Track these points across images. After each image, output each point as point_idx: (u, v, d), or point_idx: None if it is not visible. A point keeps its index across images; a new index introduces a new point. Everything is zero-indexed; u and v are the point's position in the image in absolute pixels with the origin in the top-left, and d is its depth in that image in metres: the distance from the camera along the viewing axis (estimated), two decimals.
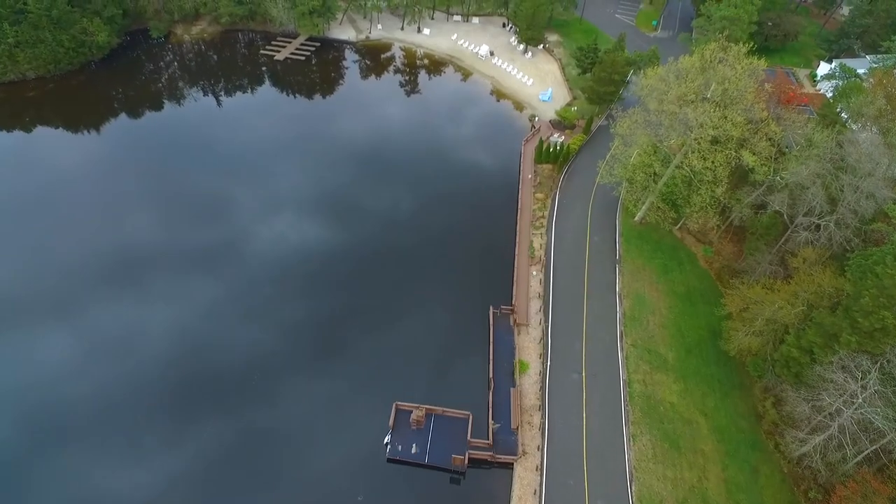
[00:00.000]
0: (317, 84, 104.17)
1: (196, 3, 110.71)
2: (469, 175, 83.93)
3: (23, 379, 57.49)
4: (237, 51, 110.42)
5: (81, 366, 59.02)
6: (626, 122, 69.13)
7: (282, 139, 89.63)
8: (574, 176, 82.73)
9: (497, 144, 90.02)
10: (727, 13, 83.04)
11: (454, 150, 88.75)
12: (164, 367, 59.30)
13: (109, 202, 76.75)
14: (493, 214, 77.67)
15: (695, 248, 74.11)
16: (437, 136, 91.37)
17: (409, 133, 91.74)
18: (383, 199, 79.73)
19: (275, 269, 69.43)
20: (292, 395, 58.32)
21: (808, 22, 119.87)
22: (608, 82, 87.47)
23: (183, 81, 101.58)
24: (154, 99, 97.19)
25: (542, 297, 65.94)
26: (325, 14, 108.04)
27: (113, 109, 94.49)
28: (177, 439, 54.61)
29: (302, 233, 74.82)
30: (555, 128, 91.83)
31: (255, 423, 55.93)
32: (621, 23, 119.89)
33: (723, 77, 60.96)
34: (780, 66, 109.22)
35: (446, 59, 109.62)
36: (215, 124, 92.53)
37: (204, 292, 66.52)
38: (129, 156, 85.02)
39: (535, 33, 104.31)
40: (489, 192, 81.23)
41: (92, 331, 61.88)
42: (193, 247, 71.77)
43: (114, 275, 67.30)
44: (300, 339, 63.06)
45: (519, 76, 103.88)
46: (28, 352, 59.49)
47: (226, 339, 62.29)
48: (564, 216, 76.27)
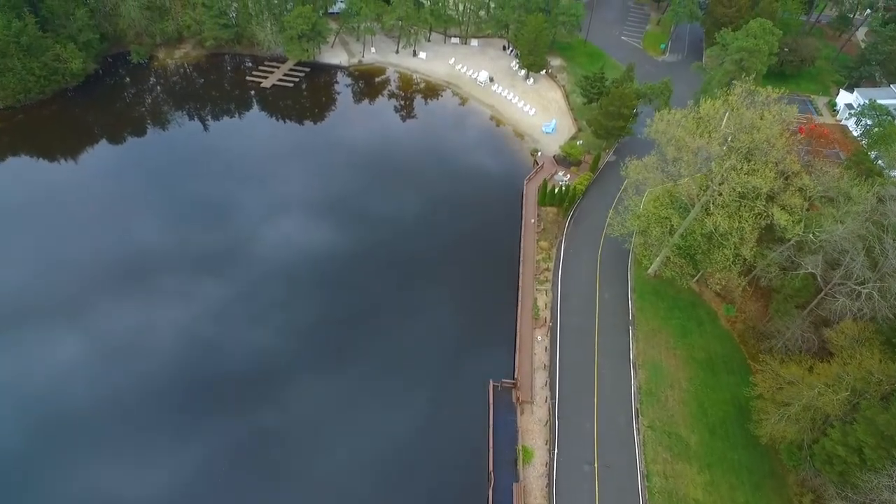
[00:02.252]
0: (305, 113, 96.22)
1: (179, 25, 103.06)
2: (466, 219, 75.96)
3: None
4: (222, 76, 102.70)
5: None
6: (639, 168, 61.78)
7: (265, 174, 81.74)
8: (581, 220, 75.11)
9: (497, 183, 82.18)
10: (745, 44, 75.52)
11: (451, 189, 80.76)
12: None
13: (80, 238, 69.92)
14: (493, 266, 69.87)
15: (715, 305, 66.51)
16: (433, 174, 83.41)
17: (401, 170, 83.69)
18: (370, 246, 71.51)
19: (246, 334, 62.05)
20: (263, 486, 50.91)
21: (822, 44, 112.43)
22: (617, 116, 79.83)
23: (163, 110, 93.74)
24: (131, 128, 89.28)
25: (548, 368, 58.30)
26: (315, 38, 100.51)
27: (86, 141, 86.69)
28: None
29: (275, 286, 67.26)
30: (559, 164, 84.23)
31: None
32: (627, 45, 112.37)
33: (751, 125, 53.51)
34: (796, 94, 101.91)
35: (443, 86, 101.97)
36: (195, 156, 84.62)
37: (161, 355, 59.12)
38: (101, 189, 77.47)
39: (537, 59, 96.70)
40: (488, 238, 73.40)
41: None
42: (163, 294, 64.36)
43: (78, 316, 60.67)
44: (267, 420, 55.56)
45: (520, 105, 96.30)
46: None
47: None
48: (571, 268, 68.67)
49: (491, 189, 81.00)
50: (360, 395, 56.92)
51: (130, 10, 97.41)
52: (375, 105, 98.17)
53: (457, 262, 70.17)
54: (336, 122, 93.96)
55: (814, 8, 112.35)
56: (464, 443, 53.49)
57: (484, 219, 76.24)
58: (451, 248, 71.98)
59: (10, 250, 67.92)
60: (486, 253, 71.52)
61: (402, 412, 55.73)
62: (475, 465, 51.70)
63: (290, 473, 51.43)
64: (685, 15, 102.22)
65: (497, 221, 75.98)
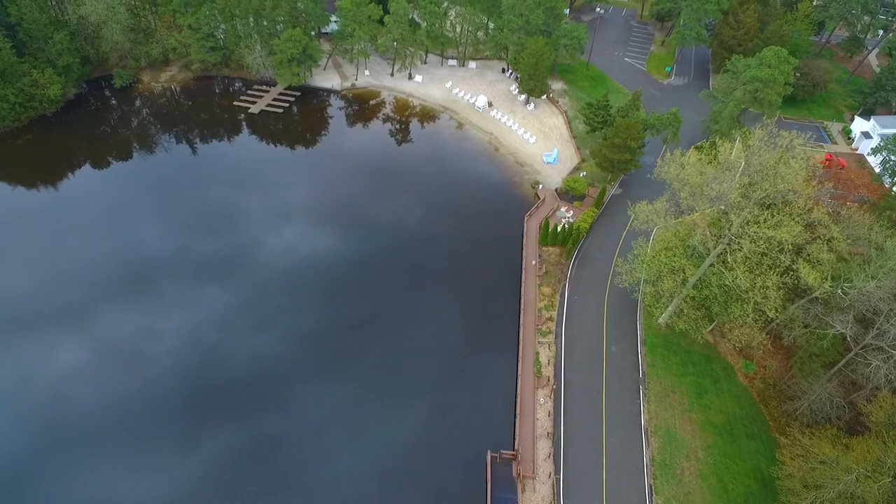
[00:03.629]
0: (294, 141, 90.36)
1: (165, 48, 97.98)
2: (463, 260, 70.33)
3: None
4: (209, 101, 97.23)
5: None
6: (648, 212, 56.42)
7: (252, 207, 76.26)
8: (585, 262, 69.63)
9: (495, 219, 76.48)
10: (760, 74, 70.25)
11: (446, 225, 75.04)
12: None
13: (55, 272, 65.03)
14: (492, 314, 64.07)
15: (731, 358, 60.85)
16: (428, 207, 77.72)
17: (395, 204, 77.91)
18: (358, 293, 65.78)
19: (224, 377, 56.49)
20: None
21: (833, 66, 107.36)
22: (623, 149, 74.50)
23: (145, 137, 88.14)
24: (111, 157, 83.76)
25: (552, 436, 52.58)
26: (305, 62, 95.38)
27: (61, 171, 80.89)
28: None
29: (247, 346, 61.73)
30: (561, 199, 78.76)
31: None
32: (631, 67, 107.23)
33: (775, 176, 48.11)
34: (808, 119, 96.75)
35: (439, 111, 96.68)
36: (176, 188, 78.80)
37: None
38: (76, 222, 72.18)
39: (537, 84, 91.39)
40: (486, 282, 67.68)
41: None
42: (139, 336, 58.90)
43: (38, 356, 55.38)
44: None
45: (520, 132, 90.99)
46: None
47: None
48: (576, 317, 63.10)
49: (489, 226, 75.33)
50: (339, 480, 50.93)
51: (113, 32, 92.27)
52: (368, 132, 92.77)
53: (453, 311, 64.45)
54: (326, 151, 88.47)
55: (825, 29, 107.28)
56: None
57: (482, 260, 70.57)
58: (447, 294, 66.28)
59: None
60: (484, 299, 65.81)
61: (390, 494, 49.86)
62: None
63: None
64: (692, 38, 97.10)
65: (496, 263, 70.34)
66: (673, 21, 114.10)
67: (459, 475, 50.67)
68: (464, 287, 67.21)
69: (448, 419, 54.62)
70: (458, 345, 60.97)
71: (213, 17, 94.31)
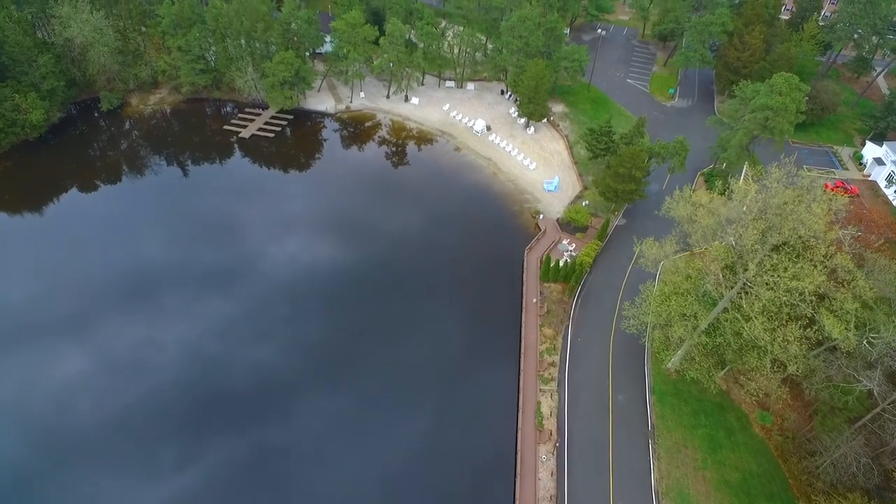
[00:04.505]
0: (285, 167, 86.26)
1: (154, 71, 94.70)
2: (459, 297, 66.02)
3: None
4: (198, 125, 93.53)
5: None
6: (655, 249, 52.63)
7: (240, 236, 72.47)
8: (589, 300, 65.59)
9: (494, 252, 72.32)
10: (770, 102, 66.67)
11: (442, 258, 70.89)
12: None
13: (32, 303, 61.32)
14: (490, 359, 59.70)
15: (746, 406, 56.48)
16: (424, 240, 73.53)
17: (388, 234, 73.71)
18: (341, 337, 61.30)
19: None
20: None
21: (840, 87, 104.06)
22: (627, 179, 70.72)
23: (131, 163, 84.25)
24: (94, 184, 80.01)
25: (555, 499, 48.20)
26: (298, 85, 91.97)
27: (43, 199, 76.88)
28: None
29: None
30: (563, 230, 74.90)
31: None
32: (633, 89, 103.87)
33: (796, 221, 44.28)
34: (817, 144, 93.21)
35: (436, 135, 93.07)
36: (162, 216, 74.74)
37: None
38: (57, 252, 68.25)
39: (537, 108, 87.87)
40: (484, 323, 63.35)
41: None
42: (116, 373, 54.77)
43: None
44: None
45: (520, 158, 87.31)
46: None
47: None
48: (580, 362, 58.92)
49: (488, 259, 71.28)
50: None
51: (99, 55, 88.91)
52: (362, 158, 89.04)
53: (450, 356, 60.17)
54: (318, 178, 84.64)
55: (831, 49, 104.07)
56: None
57: (480, 297, 66.43)
58: (443, 337, 62.05)
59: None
60: (482, 342, 61.51)
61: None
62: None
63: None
64: (696, 60, 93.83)
65: (495, 300, 66.18)
66: (675, 41, 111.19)
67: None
68: (461, 327, 63.09)
69: (446, 481, 50.26)
70: (455, 395, 56.62)
71: (203, 39, 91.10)
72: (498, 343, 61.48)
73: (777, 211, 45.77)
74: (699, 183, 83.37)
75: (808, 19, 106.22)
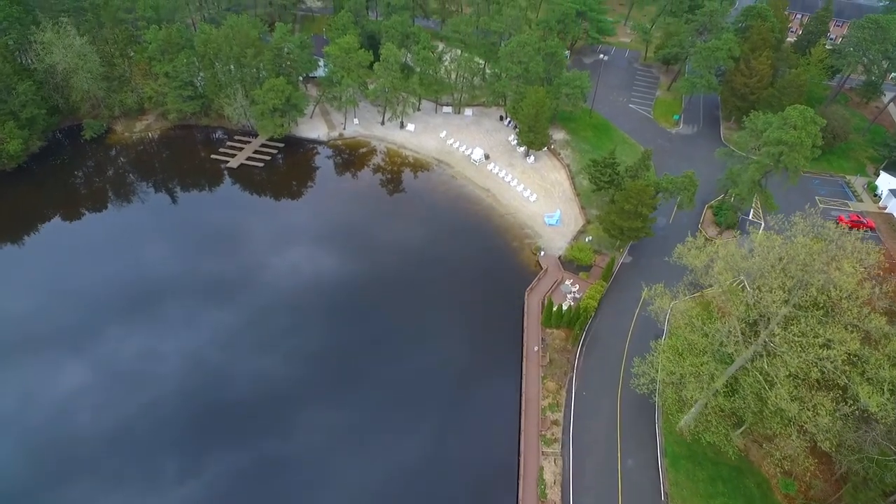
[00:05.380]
0: (274, 199, 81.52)
1: (140, 97, 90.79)
2: (455, 344, 61.15)
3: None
4: (185, 153, 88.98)
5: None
6: (664, 297, 48.17)
7: (225, 274, 67.77)
8: (595, 348, 60.84)
9: (492, 292, 67.46)
10: (784, 136, 62.56)
11: (437, 300, 66.03)
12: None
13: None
14: (488, 417, 54.70)
15: (766, 470, 51.72)
16: (416, 281, 68.51)
17: (378, 273, 68.87)
18: (322, 394, 56.51)
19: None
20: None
21: (850, 113, 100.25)
22: (633, 216, 66.46)
23: (110, 195, 79.57)
24: (71, 218, 75.64)
25: None
26: (289, 112, 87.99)
27: (16, 233, 72.55)
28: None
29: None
30: (565, 268, 70.36)
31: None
32: (636, 115, 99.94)
33: (825, 281, 39.83)
34: (828, 173, 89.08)
35: (433, 164, 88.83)
36: (139, 251, 70.20)
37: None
38: (29, 287, 64.01)
39: (538, 136, 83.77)
40: (482, 375, 58.35)
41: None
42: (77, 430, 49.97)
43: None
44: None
45: (519, 189, 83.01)
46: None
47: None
48: (585, 421, 53.96)
49: (486, 301, 66.57)
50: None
51: (82, 81, 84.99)
52: (355, 189, 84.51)
53: (444, 411, 55.44)
54: (308, 212, 79.88)
55: (839, 73, 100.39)
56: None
57: (477, 345, 61.58)
58: (437, 387, 57.30)
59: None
60: (480, 397, 56.56)
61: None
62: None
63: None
64: (702, 86, 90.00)
65: (493, 348, 61.39)
66: (679, 65, 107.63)
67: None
68: (458, 379, 58.25)
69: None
70: (452, 458, 51.71)
71: (191, 65, 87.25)
72: (497, 397, 56.61)
73: (803, 268, 41.36)
74: (707, 216, 79.07)
75: (814, 43, 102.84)
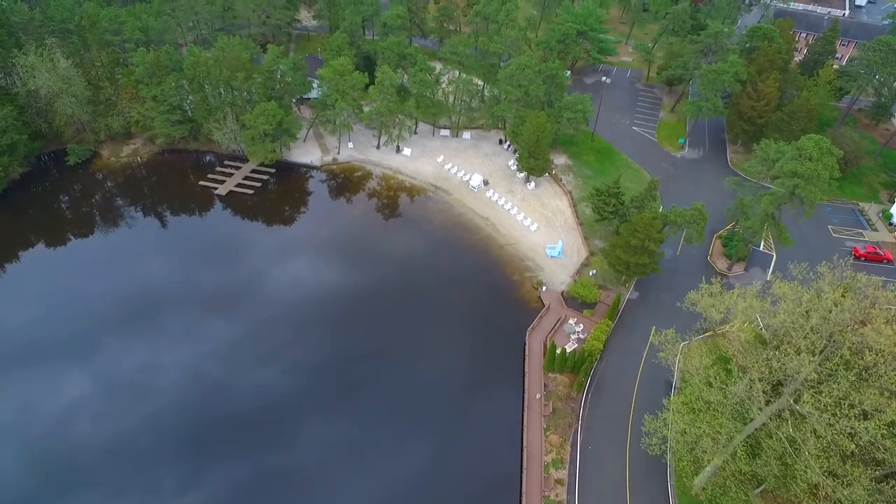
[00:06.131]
0: (262, 230, 77.64)
1: (127, 121, 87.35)
2: (449, 390, 57.06)
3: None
4: (173, 179, 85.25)
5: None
6: (674, 344, 44.38)
7: (209, 313, 64.25)
8: (601, 396, 56.65)
9: (491, 331, 63.34)
10: (800, 168, 59.00)
11: (431, 340, 62.01)
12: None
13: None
14: (486, 476, 50.41)
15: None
16: (410, 318, 64.72)
17: (368, 311, 64.92)
18: (301, 447, 52.91)
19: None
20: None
21: (860, 135, 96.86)
22: (640, 251, 62.72)
23: (94, 224, 76.04)
24: (49, 248, 72.19)
25: None
26: (281, 137, 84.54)
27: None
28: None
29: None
30: (568, 305, 66.45)
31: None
32: (640, 138, 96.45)
33: (860, 344, 35.97)
34: (840, 200, 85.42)
35: (429, 190, 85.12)
36: (118, 286, 66.46)
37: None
38: (6, 326, 60.13)
39: (539, 163, 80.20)
40: (479, 425, 54.15)
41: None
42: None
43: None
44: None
45: (520, 217, 79.25)
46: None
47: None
48: (592, 480, 49.63)
49: (484, 341, 62.47)
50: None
51: (66, 106, 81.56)
52: (348, 218, 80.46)
53: (439, 470, 51.31)
54: (297, 242, 75.77)
55: (848, 94, 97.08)
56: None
57: (475, 391, 57.44)
58: (429, 442, 53.22)
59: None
60: (477, 451, 52.41)
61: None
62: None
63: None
64: (708, 110, 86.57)
65: (492, 395, 57.21)
66: (682, 86, 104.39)
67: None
68: (455, 433, 54.17)
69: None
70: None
71: (180, 88, 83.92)
72: (497, 453, 52.37)
73: (834, 326, 37.45)
74: (716, 247, 75.29)
75: (821, 64, 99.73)
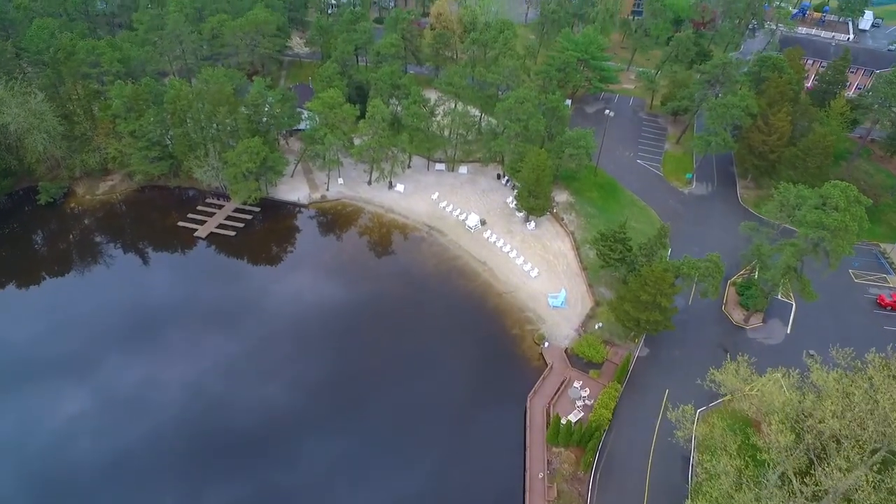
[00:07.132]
0: (240, 278, 71.81)
1: (104, 157, 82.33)
2: (438, 471, 51.24)
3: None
4: (150, 218, 79.65)
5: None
6: (689, 422, 38.60)
7: (166, 372, 58.41)
8: (611, 474, 50.48)
9: (488, 396, 57.32)
10: (826, 220, 53.76)
11: (419, 410, 56.04)
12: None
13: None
14: None
15: None
16: (397, 379, 58.88)
17: (350, 372, 59.24)
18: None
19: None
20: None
21: (874, 169, 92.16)
22: (651, 307, 57.24)
23: (64, 270, 70.71)
24: (18, 292, 66.82)
25: None
26: (266, 175, 79.48)
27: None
28: None
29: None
30: (573, 364, 60.68)
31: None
32: (645, 172, 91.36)
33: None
34: (862, 241, 79.95)
35: (423, 231, 79.59)
36: (90, 331, 61.28)
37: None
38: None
39: (539, 202, 75.07)
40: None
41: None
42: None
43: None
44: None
45: (520, 262, 73.74)
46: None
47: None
48: None
49: (480, 408, 56.39)
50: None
51: (37, 142, 76.55)
52: (335, 263, 74.45)
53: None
54: (278, 291, 69.66)
55: (869, 128, 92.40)
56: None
57: (470, 470, 51.32)
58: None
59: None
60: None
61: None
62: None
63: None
64: (717, 145, 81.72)
65: (489, 475, 50.94)
66: (688, 117, 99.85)
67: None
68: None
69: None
70: None
71: (160, 123, 79.04)
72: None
73: (888, 423, 31.86)
74: (731, 295, 69.79)
75: (833, 94, 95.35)
